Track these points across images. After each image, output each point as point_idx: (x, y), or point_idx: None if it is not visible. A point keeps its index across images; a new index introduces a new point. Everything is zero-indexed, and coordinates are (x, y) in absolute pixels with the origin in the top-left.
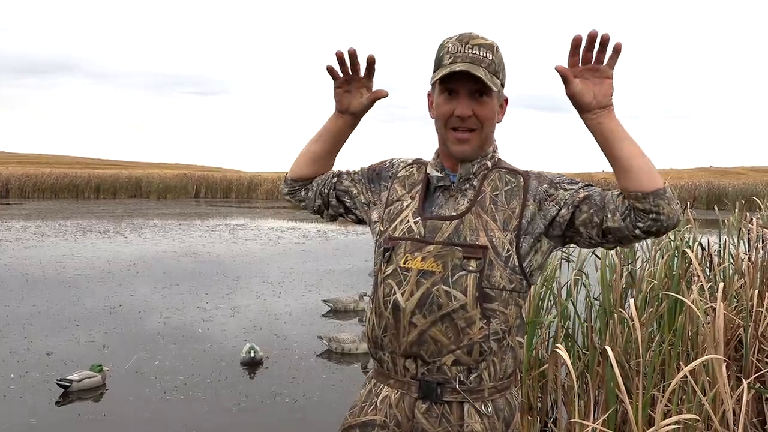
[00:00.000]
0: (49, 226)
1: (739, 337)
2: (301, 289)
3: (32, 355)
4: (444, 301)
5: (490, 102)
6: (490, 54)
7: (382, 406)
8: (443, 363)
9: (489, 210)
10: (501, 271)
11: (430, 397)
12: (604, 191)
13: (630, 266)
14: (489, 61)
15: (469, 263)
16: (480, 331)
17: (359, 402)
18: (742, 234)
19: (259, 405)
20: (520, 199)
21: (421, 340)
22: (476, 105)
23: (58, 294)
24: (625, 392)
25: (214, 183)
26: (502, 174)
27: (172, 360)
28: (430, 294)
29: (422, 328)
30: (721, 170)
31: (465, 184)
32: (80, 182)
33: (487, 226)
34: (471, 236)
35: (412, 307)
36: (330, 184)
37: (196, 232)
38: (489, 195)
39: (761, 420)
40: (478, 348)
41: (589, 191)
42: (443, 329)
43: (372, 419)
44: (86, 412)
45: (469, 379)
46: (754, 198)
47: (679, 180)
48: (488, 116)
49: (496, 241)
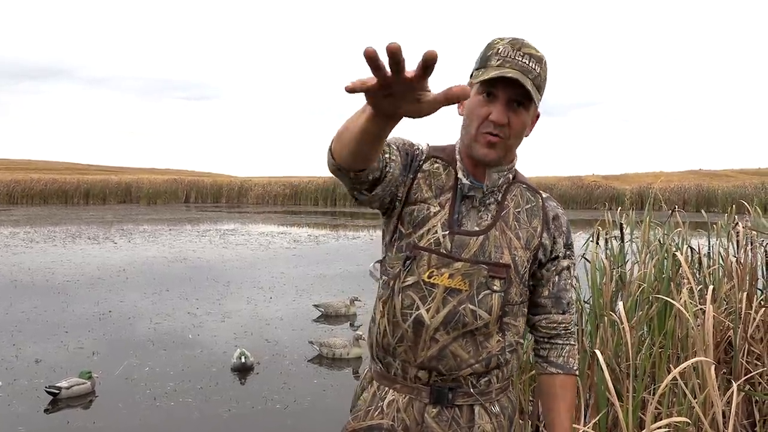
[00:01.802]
0: (38, 232)
1: (729, 339)
2: (292, 294)
3: (21, 362)
4: (470, 320)
5: (525, 114)
6: (539, 67)
7: (389, 410)
8: (461, 375)
9: (513, 227)
10: (517, 288)
11: (441, 402)
12: (550, 319)
13: (620, 269)
14: (536, 74)
15: (494, 282)
16: (497, 344)
17: (363, 406)
18: (731, 237)
19: (250, 411)
20: (540, 220)
21: (441, 355)
22: (512, 114)
23: (47, 300)
24: (616, 395)
25: (205, 188)
26: (523, 190)
27: (162, 366)
28: (456, 313)
29: (444, 343)
30: (711, 173)
31: (489, 197)
32: (69, 188)
33: (511, 243)
34: (496, 254)
35: (437, 324)
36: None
37: (186, 237)
38: (512, 211)
39: (751, 422)
40: (496, 360)
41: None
42: (463, 344)
43: (379, 423)
44: (75, 420)
45: (480, 383)
46: (743, 201)
47: (668, 183)
48: (520, 128)
49: (518, 260)
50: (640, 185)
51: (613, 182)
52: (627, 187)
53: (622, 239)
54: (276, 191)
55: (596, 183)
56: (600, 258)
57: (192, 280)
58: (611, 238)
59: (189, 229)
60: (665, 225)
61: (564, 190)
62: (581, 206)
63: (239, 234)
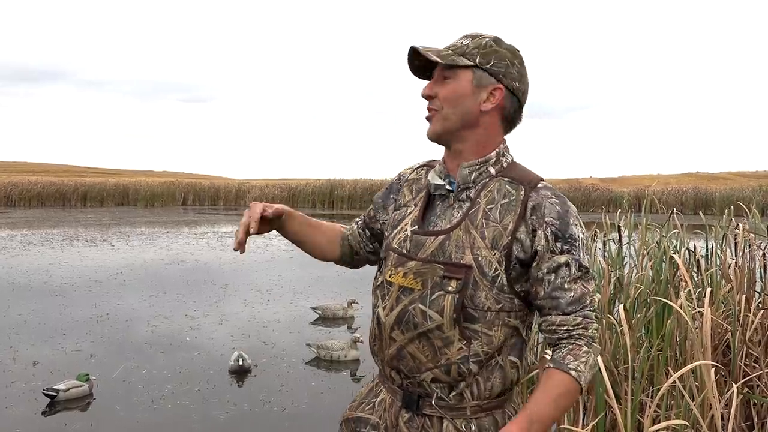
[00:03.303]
0: (35, 234)
1: (727, 342)
2: (289, 297)
3: (18, 365)
4: (419, 320)
5: (454, 83)
6: (469, 40)
7: (379, 407)
8: (422, 379)
9: (479, 225)
10: (486, 292)
11: (411, 408)
12: (555, 318)
13: (618, 271)
14: (461, 45)
15: (449, 283)
16: (459, 352)
17: (359, 398)
18: (729, 239)
19: (248, 413)
20: (516, 215)
21: (400, 355)
22: (439, 87)
23: (45, 303)
24: (614, 398)
25: (202, 190)
26: (504, 185)
27: (159, 368)
28: (407, 312)
29: (401, 343)
30: (708, 175)
31: (463, 194)
32: (67, 190)
33: (474, 243)
34: (456, 254)
35: (391, 322)
36: (364, 230)
37: (183, 239)
38: (483, 208)
39: (749, 425)
40: (456, 368)
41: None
42: (420, 347)
43: (367, 417)
44: (73, 422)
45: (449, 396)
46: (740, 203)
47: (666, 185)
48: (448, 95)
49: (483, 260)
50: (638, 188)
51: (610, 185)
52: (624, 189)
53: (620, 242)
54: (273, 193)
55: (593, 186)
56: (598, 260)
57: (189, 282)
58: (609, 241)
59: (186, 231)
60: (663, 227)
61: (562, 193)
62: (578, 209)
63: None
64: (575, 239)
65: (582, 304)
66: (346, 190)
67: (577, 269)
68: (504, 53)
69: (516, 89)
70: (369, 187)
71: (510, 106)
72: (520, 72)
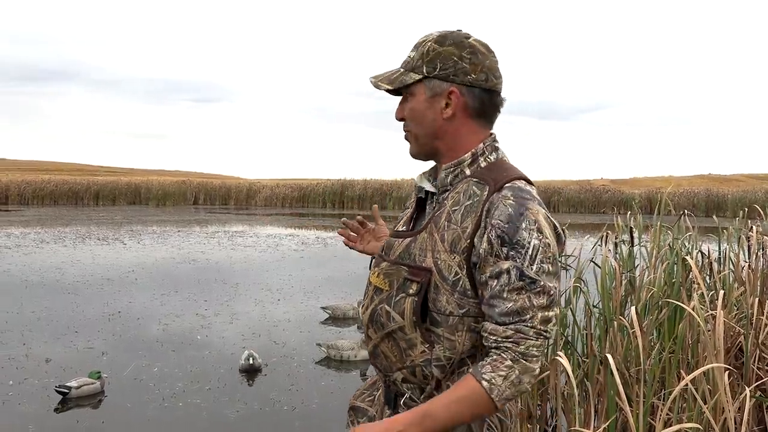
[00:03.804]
0: (48, 232)
1: (740, 345)
2: (300, 296)
3: (31, 362)
4: (385, 320)
5: (413, 101)
6: (414, 51)
7: (377, 402)
8: (395, 378)
9: (441, 227)
10: (447, 296)
11: (389, 405)
12: (489, 325)
13: (629, 274)
14: (409, 59)
15: (411, 286)
16: (421, 355)
17: (362, 388)
18: (742, 242)
19: (258, 412)
20: (475, 217)
21: (375, 353)
22: (404, 107)
23: (57, 301)
24: (626, 400)
25: (213, 190)
26: (471, 185)
27: (170, 367)
28: (376, 311)
29: (375, 342)
30: (720, 177)
31: (441, 196)
32: (79, 189)
33: (435, 246)
34: (420, 256)
35: (366, 320)
36: None
37: (195, 238)
38: (447, 210)
39: (762, 429)
40: (420, 371)
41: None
42: (390, 347)
43: (366, 408)
44: (85, 419)
45: (420, 398)
46: (755, 206)
47: (678, 187)
48: (409, 115)
49: (442, 264)
50: (649, 189)
51: (621, 186)
52: (636, 191)
53: (631, 243)
54: (284, 193)
55: (605, 187)
56: (610, 262)
57: (201, 281)
58: (621, 243)
59: (198, 230)
60: (675, 229)
61: (572, 195)
62: (589, 210)
63: (247, 236)
64: (522, 246)
65: (519, 317)
66: (357, 190)
67: (518, 278)
68: (448, 51)
69: (473, 81)
70: (379, 187)
71: (474, 101)
72: (473, 61)
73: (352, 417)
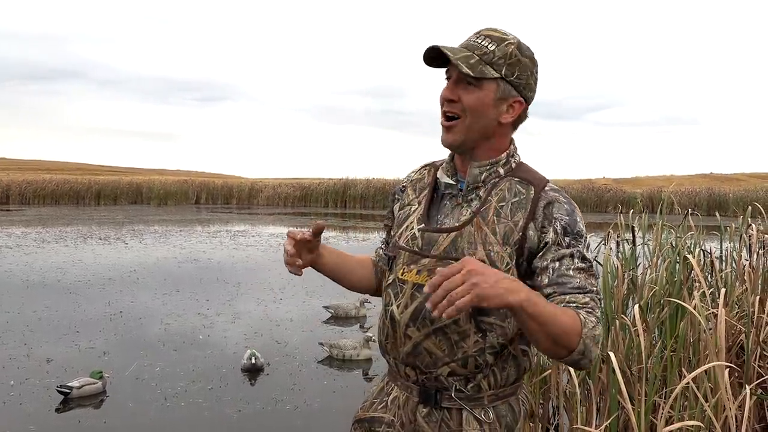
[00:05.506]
0: (49, 232)
1: (741, 343)
2: (302, 296)
3: (32, 362)
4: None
5: (477, 92)
6: (494, 45)
7: (392, 406)
8: (439, 374)
9: (491, 222)
10: None
11: (429, 403)
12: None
13: (631, 272)
14: (486, 51)
15: None
16: (475, 345)
17: (371, 398)
18: (744, 240)
19: (260, 412)
20: (526, 212)
21: (416, 352)
22: (463, 92)
23: (59, 300)
24: (628, 398)
25: (215, 189)
26: (514, 184)
27: (172, 366)
28: (423, 308)
29: (417, 340)
30: (722, 177)
31: (472, 193)
32: (81, 188)
33: (487, 239)
34: (468, 250)
35: (407, 319)
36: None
37: (197, 238)
38: (494, 206)
39: (763, 426)
40: (474, 361)
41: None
42: (437, 342)
43: (381, 416)
44: (86, 419)
45: (467, 388)
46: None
47: (679, 186)
48: (473, 105)
49: (495, 256)
50: (651, 188)
51: (623, 185)
52: (638, 190)
53: (633, 242)
54: (286, 193)
55: (607, 186)
56: (612, 261)
57: (202, 280)
58: (623, 241)
59: (199, 230)
60: (677, 228)
61: (574, 194)
62: (591, 209)
63: (249, 235)
64: (581, 236)
65: (587, 291)
66: (359, 189)
67: (581, 260)
68: (526, 64)
69: (531, 98)
70: (382, 186)
71: (524, 114)
72: (536, 79)
73: (366, 428)
